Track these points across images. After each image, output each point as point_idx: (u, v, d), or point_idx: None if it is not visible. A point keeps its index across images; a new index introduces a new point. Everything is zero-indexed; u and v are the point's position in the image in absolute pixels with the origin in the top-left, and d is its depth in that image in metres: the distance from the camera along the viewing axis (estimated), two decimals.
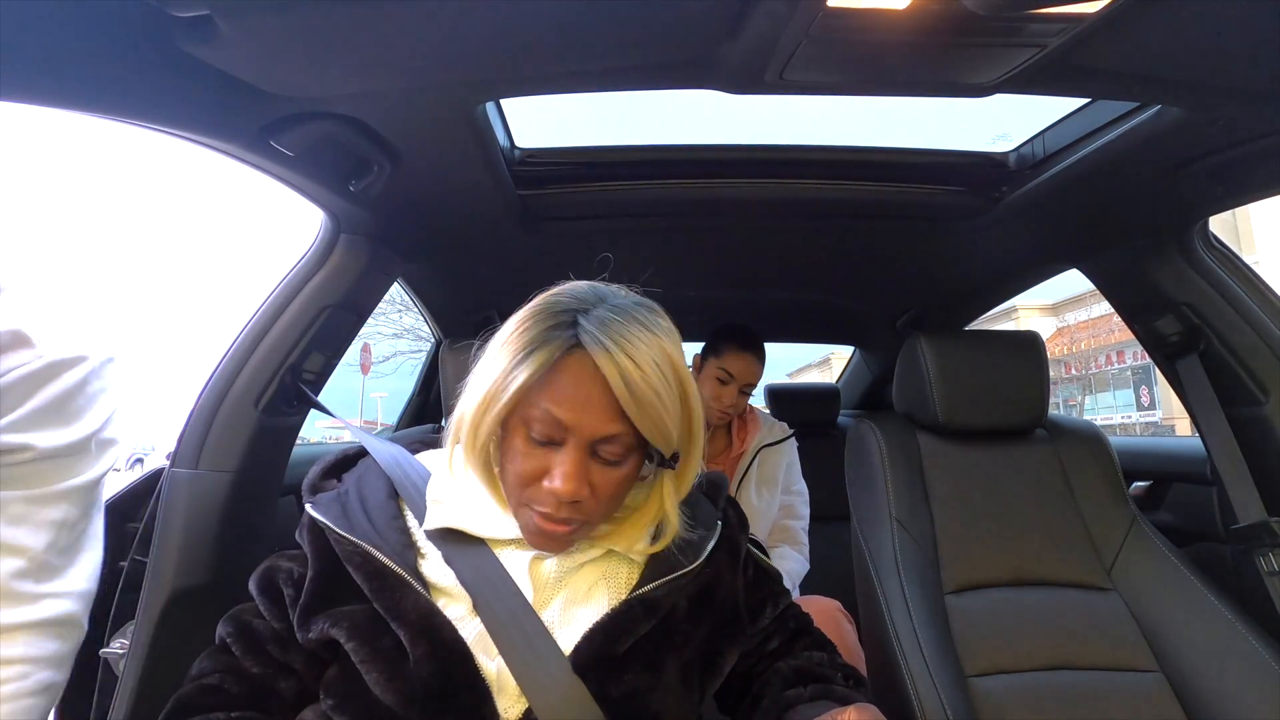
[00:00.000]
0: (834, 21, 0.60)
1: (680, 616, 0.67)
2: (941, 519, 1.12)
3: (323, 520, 0.66)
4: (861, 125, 1.21)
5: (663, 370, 0.58)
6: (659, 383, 0.57)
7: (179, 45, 0.61)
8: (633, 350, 0.57)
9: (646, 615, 0.64)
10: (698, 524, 0.71)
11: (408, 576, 0.63)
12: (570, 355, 0.58)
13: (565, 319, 0.59)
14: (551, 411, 0.57)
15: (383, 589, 0.62)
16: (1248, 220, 12.23)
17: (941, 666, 0.94)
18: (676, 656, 0.66)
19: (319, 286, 1.03)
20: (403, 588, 0.62)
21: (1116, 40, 0.64)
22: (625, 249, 1.39)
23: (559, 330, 0.58)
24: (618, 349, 0.57)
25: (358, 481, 0.72)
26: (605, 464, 0.60)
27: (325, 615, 0.63)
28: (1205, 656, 0.96)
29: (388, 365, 10.32)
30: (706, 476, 0.79)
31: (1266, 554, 0.99)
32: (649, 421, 0.58)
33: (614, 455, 0.60)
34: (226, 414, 0.97)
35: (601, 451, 0.59)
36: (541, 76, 0.73)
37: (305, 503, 0.70)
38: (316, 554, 0.66)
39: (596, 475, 0.59)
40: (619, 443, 0.59)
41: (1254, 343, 1.07)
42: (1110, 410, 16.94)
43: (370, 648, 0.60)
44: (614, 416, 0.58)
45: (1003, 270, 1.47)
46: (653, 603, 0.64)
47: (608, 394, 0.57)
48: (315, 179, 0.88)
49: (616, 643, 0.62)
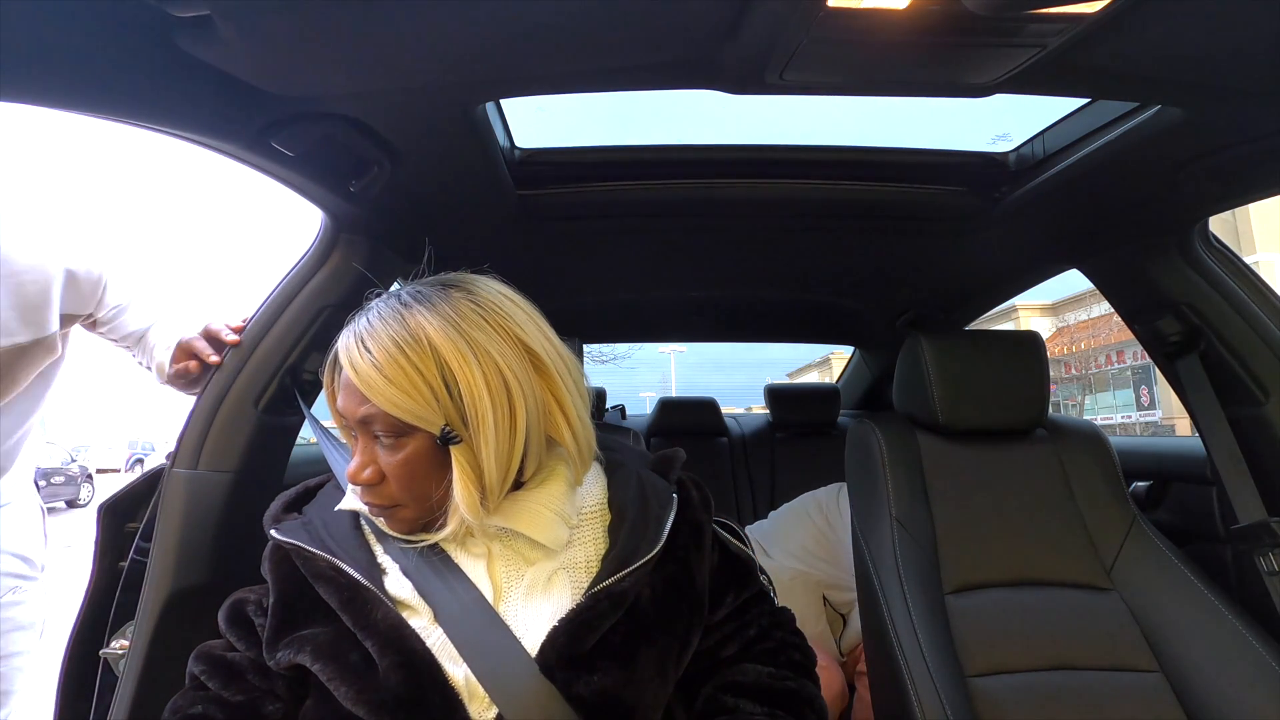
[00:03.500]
0: (834, 21, 0.60)
1: (646, 604, 0.66)
2: (941, 519, 1.12)
3: (290, 541, 0.67)
4: (861, 125, 1.21)
5: (400, 345, 0.60)
6: (387, 359, 0.59)
7: (179, 45, 0.61)
8: (366, 332, 0.61)
9: (613, 608, 0.63)
10: (649, 503, 0.70)
11: (376, 590, 0.63)
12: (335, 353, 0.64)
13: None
14: (333, 402, 0.65)
15: (352, 602, 0.63)
16: (1248, 220, 12.23)
17: (941, 666, 0.94)
18: (650, 646, 0.65)
19: (319, 286, 1.03)
20: (372, 601, 0.63)
21: (1116, 40, 0.64)
22: (625, 249, 1.39)
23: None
24: (350, 339, 0.62)
25: (319, 510, 0.73)
26: (385, 447, 0.62)
27: (289, 642, 0.64)
28: (1205, 657, 0.96)
29: None
30: (660, 453, 0.79)
31: (1266, 554, 0.99)
32: (382, 397, 0.59)
33: (385, 435, 0.62)
34: (226, 414, 0.97)
35: (376, 433, 0.62)
36: (541, 76, 0.73)
37: (268, 530, 0.70)
38: (279, 579, 0.67)
39: (382, 457, 0.62)
40: (380, 422, 0.61)
41: (1254, 343, 1.07)
42: (1110, 410, 16.94)
43: (337, 664, 0.61)
44: (362, 398, 0.61)
45: (1003, 270, 1.47)
46: (619, 595, 0.63)
47: (351, 378, 0.61)
48: (315, 179, 0.88)
49: (582, 640, 0.62)
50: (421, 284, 0.67)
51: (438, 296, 0.63)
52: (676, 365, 20.44)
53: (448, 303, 0.63)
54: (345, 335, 0.63)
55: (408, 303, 0.63)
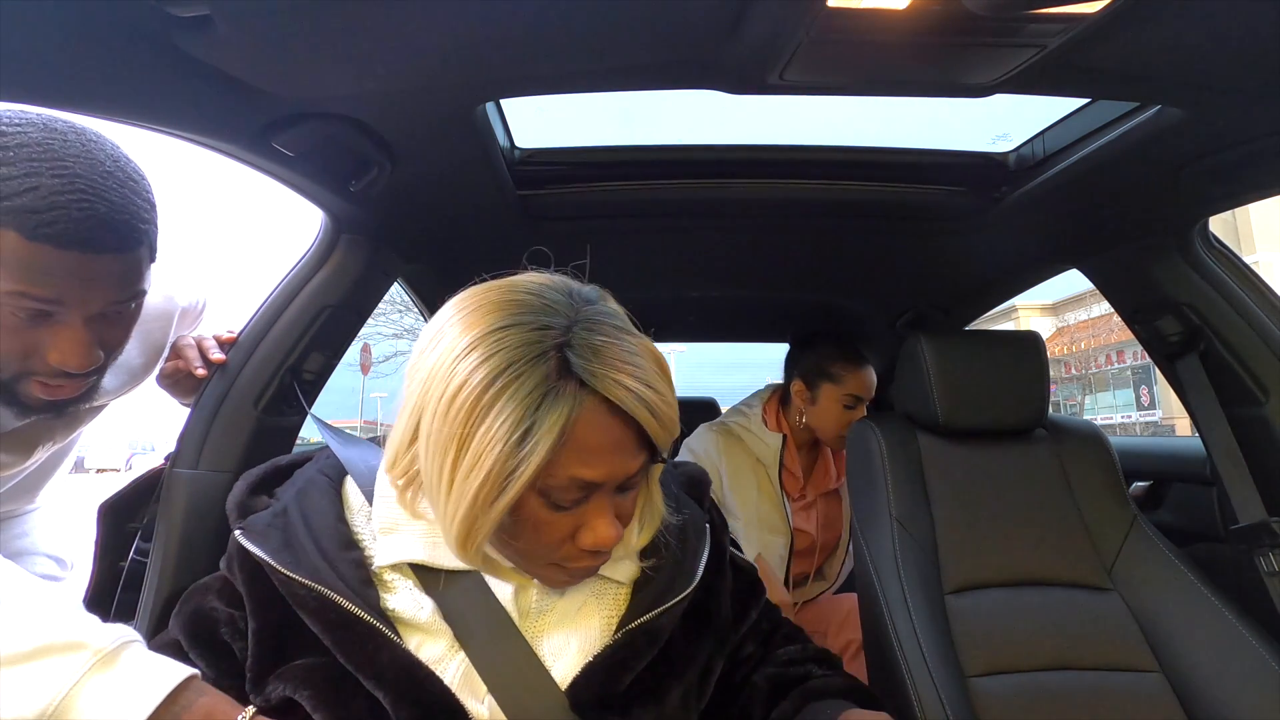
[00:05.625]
0: (834, 21, 0.60)
1: (679, 639, 0.62)
2: (941, 519, 1.12)
3: (260, 555, 0.56)
4: (861, 125, 1.21)
5: (663, 372, 0.52)
6: (670, 392, 0.51)
7: (179, 45, 0.61)
8: (643, 372, 0.50)
9: (649, 646, 0.59)
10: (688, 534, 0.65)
11: (378, 624, 0.54)
12: (583, 405, 0.48)
13: (551, 359, 0.48)
14: (580, 477, 0.49)
15: (348, 642, 0.53)
16: (1248, 220, 12.23)
17: (941, 667, 0.94)
18: (678, 681, 0.61)
19: (319, 286, 1.03)
20: (374, 639, 0.53)
21: (1116, 40, 0.64)
22: (625, 249, 1.39)
23: (553, 377, 0.47)
24: (631, 379, 0.49)
25: (298, 499, 0.61)
26: (627, 492, 0.54)
27: (280, 676, 0.54)
28: (1205, 657, 0.96)
29: (388, 365, 10.35)
30: (684, 470, 0.74)
31: (1266, 554, 0.99)
32: (670, 436, 0.52)
33: (636, 482, 0.54)
34: (226, 414, 0.97)
35: (623, 485, 0.53)
36: (541, 76, 0.73)
37: (234, 528, 0.59)
38: (258, 601, 0.56)
39: (622, 507, 0.54)
40: (642, 470, 0.53)
41: (1254, 343, 1.07)
42: (1110, 410, 16.95)
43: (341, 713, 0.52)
44: (640, 450, 0.51)
45: (1003, 270, 1.47)
46: (655, 632, 0.59)
47: (630, 431, 0.50)
48: (315, 179, 0.88)
49: (618, 680, 0.57)
50: (593, 303, 0.54)
51: (615, 307, 0.56)
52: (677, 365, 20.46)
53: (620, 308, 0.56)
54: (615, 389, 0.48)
55: (623, 325, 0.53)
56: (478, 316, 0.50)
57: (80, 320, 0.70)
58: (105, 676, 0.47)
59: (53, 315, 0.68)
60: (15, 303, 0.66)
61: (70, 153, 0.66)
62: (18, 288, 0.65)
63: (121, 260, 0.70)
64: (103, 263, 0.68)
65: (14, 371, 0.71)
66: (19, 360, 0.70)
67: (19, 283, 0.64)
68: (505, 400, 0.46)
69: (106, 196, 0.66)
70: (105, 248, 0.67)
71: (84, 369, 0.72)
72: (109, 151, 0.70)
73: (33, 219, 0.62)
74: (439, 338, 0.52)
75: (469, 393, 0.47)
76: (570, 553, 0.53)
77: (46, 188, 0.63)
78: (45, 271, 0.65)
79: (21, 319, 0.67)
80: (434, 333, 0.53)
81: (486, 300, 0.52)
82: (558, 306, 0.51)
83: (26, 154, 0.64)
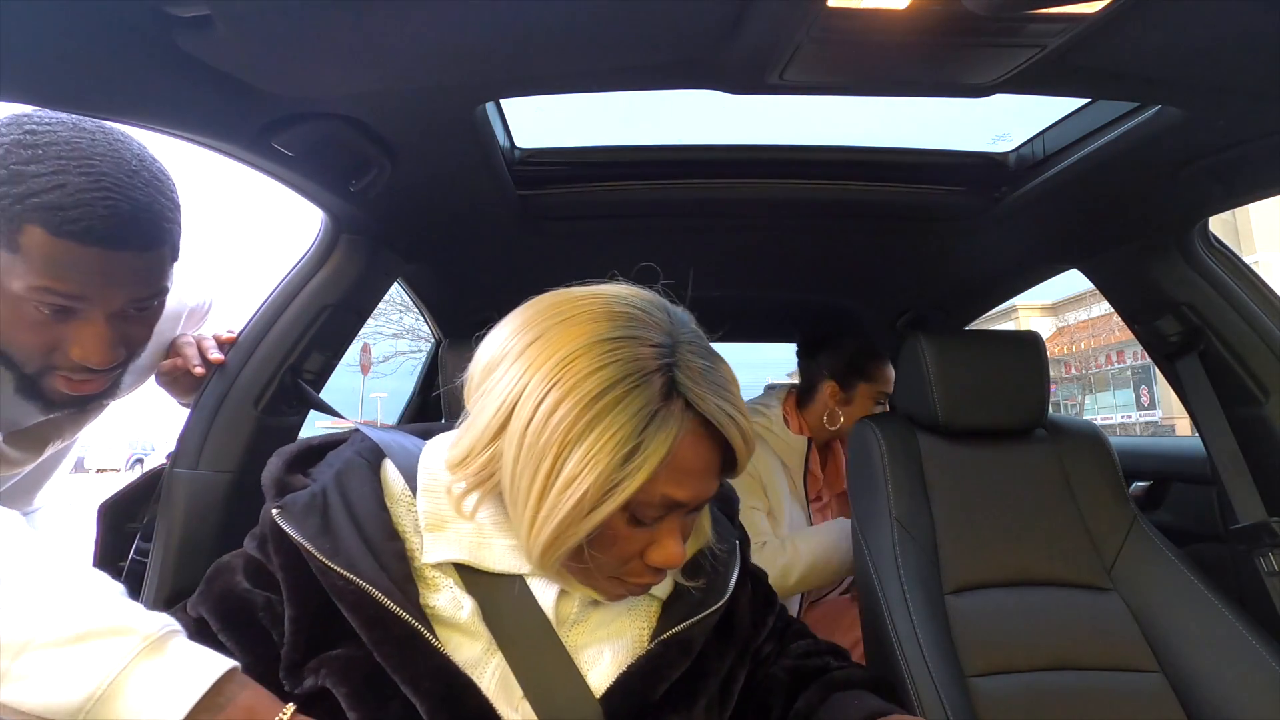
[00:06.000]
0: (834, 22, 0.60)
1: (710, 652, 0.62)
2: (941, 519, 1.12)
3: (300, 540, 0.53)
4: (861, 125, 1.21)
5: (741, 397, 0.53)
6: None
7: (179, 45, 0.61)
8: (734, 398, 0.50)
9: (682, 656, 0.59)
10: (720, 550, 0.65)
11: (417, 625, 0.52)
12: (685, 427, 0.48)
13: (661, 378, 0.48)
14: (671, 496, 0.49)
15: (386, 641, 0.51)
16: (1248, 220, 12.24)
17: (941, 667, 0.94)
18: (705, 692, 0.61)
19: (319, 286, 1.03)
20: (413, 643, 0.51)
21: (1116, 40, 0.64)
22: (625, 249, 1.39)
23: (660, 396, 0.47)
24: (728, 404, 0.49)
25: (337, 481, 0.58)
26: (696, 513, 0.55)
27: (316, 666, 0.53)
28: (1205, 657, 0.96)
29: (388, 365, 10.35)
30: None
31: (1266, 554, 0.99)
32: (748, 460, 0.53)
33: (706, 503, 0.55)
34: (226, 414, 0.97)
35: (699, 506, 0.54)
36: (541, 76, 0.73)
37: (271, 507, 0.56)
38: (296, 588, 0.54)
39: (685, 527, 0.55)
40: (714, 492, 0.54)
41: (1254, 343, 1.07)
42: (1110, 410, 16.95)
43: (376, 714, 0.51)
44: (720, 472, 0.52)
45: (1003, 270, 1.47)
46: (687, 643, 0.59)
47: (717, 454, 0.51)
48: (315, 179, 0.88)
49: (654, 689, 0.56)
50: (686, 326, 0.54)
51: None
52: None
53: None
54: (719, 415, 0.49)
55: (713, 351, 0.53)
56: (582, 323, 0.49)
57: (103, 316, 0.72)
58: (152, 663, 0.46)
59: (76, 311, 0.70)
60: (40, 297, 0.68)
61: (97, 151, 0.68)
62: (42, 283, 0.66)
63: (144, 258, 0.72)
64: (125, 260, 0.70)
65: (38, 366, 0.73)
66: (43, 355, 0.72)
67: (43, 278, 0.66)
68: (615, 414, 0.46)
69: (131, 195, 0.68)
70: (128, 245, 0.69)
71: (105, 364, 0.74)
72: (135, 151, 0.72)
73: (58, 215, 0.64)
74: (537, 336, 0.50)
75: (576, 401, 0.46)
76: (635, 568, 0.53)
77: (73, 185, 0.65)
78: (69, 267, 0.67)
79: (46, 314, 0.69)
80: (527, 330, 0.51)
81: (590, 307, 0.51)
82: (662, 324, 0.51)
83: (55, 152, 0.66)
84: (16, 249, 0.66)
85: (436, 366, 1.33)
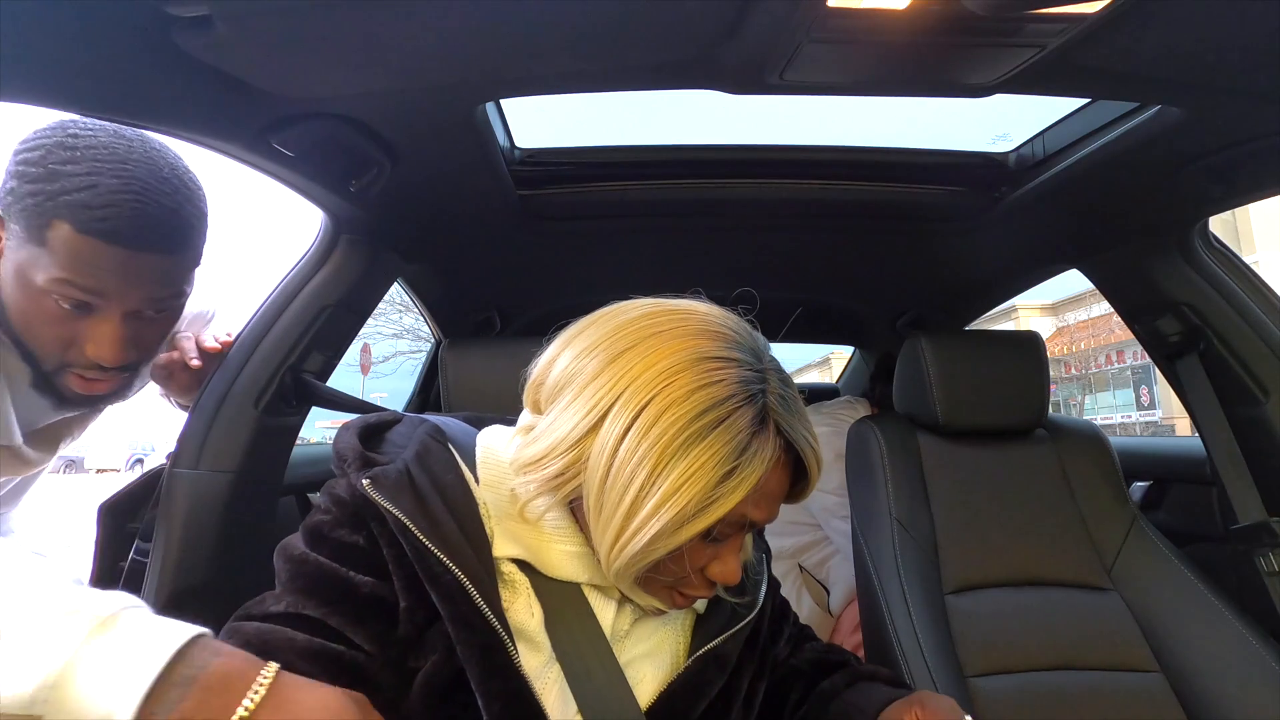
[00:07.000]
0: (834, 21, 0.60)
1: (743, 667, 0.63)
2: (941, 519, 1.12)
3: (397, 513, 0.49)
4: (861, 125, 1.21)
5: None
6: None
7: (178, 45, 0.61)
8: (811, 426, 0.51)
9: (719, 672, 0.59)
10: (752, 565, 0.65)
11: (501, 633, 0.50)
12: (775, 453, 0.49)
13: (759, 403, 0.48)
14: (750, 517, 0.50)
15: (469, 645, 0.49)
16: (1248, 220, 12.23)
17: (941, 667, 0.94)
18: (735, 707, 0.61)
19: (319, 286, 1.03)
20: (493, 649, 0.49)
21: (1116, 40, 0.64)
22: (625, 249, 1.39)
23: (757, 421, 0.47)
24: (811, 435, 0.51)
25: (420, 462, 0.53)
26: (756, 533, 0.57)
27: (420, 647, 0.50)
28: (1205, 657, 0.96)
29: (388, 365, 10.34)
30: None
31: (1266, 554, 0.99)
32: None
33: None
34: (227, 414, 0.97)
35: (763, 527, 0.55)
36: (541, 76, 0.73)
37: (360, 478, 0.51)
38: (405, 574, 0.50)
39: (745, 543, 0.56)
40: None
41: (1254, 343, 1.07)
42: (1110, 410, 16.94)
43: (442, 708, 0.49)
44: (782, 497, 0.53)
45: (1003, 270, 1.47)
46: (724, 658, 0.60)
47: (788, 479, 0.52)
48: (315, 179, 0.88)
49: (695, 705, 0.56)
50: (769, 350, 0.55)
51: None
52: None
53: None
54: (802, 444, 0.50)
55: (791, 380, 0.53)
56: (681, 338, 0.49)
57: (118, 315, 0.75)
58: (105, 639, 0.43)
59: (94, 307, 0.74)
60: (60, 290, 0.71)
61: (133, 157, 0.72)
62: (64, 275, 0.70)
63: (165, 261, 0.76)
64: (146, 260, 0.73)
65: (55, 364, 0.77)
66: (60, 351, 0.76)
67: (65, 271, 0.70)
68: (717, 433, 0.46)
69: (160, 200, 0.72)
70: (151, 247, 0.73)
71: (117, 363, 0.77)
72: (169, 160, 0.76)
73: (86, 213, 0.68)
74: (630, 345, 0.49)
75: (678, 417, 0.46)
76: (696, 581, 0.53)
77: (105, 186, 0.69)
78: (91, 263, 0.70)
79: (66, 308, 0.73)
80: (618, 338, 0.50)
81: (687, 322, 0.51)
82: (752, 348, 0.51)
83: (92, 155, 0.70)
84: (44, 243, 0.70)
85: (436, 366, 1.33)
